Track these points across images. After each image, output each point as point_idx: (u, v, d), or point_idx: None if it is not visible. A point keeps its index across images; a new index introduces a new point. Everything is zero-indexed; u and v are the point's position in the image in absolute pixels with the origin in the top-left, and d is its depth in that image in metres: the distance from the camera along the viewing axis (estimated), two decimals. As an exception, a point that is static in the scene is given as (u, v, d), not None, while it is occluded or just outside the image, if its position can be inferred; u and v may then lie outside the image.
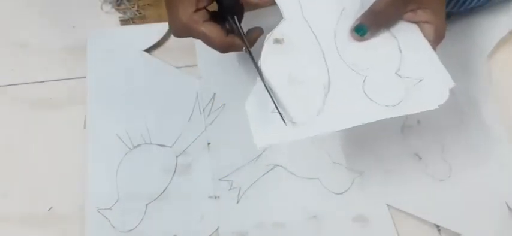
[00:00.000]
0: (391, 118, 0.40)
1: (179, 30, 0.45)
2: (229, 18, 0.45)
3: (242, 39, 0.45)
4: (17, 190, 0.49)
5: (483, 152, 0.52)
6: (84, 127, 0.52)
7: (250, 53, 0.45)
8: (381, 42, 0.43)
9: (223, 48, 0.45)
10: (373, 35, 0.44)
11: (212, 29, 0.44)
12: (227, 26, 0.45)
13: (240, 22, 0.45)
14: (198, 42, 0.58)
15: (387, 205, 0.49)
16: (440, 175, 0.50)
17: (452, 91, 0.41)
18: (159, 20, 0.61)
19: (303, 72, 0.43)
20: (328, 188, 0.49)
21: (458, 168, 0.51)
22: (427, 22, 0.43)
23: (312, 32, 0.44)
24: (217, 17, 0.45)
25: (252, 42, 0.46)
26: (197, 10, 0.44)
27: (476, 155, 0.51)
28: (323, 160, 0.51)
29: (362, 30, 0.43)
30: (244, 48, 0.45)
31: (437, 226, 0.48)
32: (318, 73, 0.43)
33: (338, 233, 0.47)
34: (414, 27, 0.43)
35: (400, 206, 0.49)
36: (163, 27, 0.60)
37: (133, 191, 0.48)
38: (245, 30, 0.45)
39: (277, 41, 0.44)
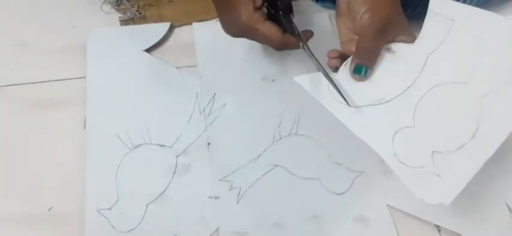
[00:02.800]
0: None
1: (237, 30, 0.47)
2: (283, 18, 0.47)
3: (299, 36, 0.47)
4: (17, 190, 0.49)
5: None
6: (84, 127, 0.52)
7: (308, 48, 0.47)
8: (462, 120, 0.42)
9: (281, 47, 0.47)
10: (371, 71, 0.45)
11: (271, 28, 0.46)
12: (282, 26, 0.47)
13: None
14: (198, 42, 0.59)
15: (387, 205, 0.49)
16: (440, 175, 0.50)
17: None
18: (159, 20, 0.61)
19: (382, 75, 0.45)
20: (328, 189, 0.49)
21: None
22: (403, 35, 0.45)
23: (423, 65, 0.44)
24: (270, 17, 0.47)
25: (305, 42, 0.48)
26: (255, 10, 0.46)
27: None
28: (323, 160, 0.51)
29: (361, 70, 0.44)
30: (301, 44, 0.47)
31: (437, 226, 0.48)
32: (393, 87, 0.44)
33: (338, 233, 0.47)
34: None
35: (400, 206, 0.49)
36: (163, 27, 0.60)
37: (133, 191, 0.48)
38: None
39: (388, 50, 0.45)
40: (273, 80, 0.56)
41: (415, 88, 0.44)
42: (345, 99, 0.44)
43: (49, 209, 0.48)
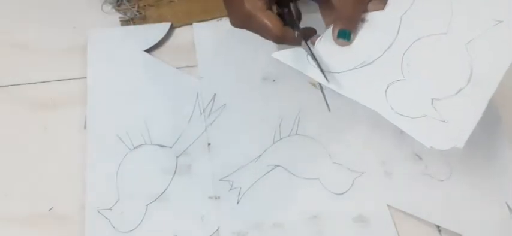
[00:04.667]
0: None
1: (240, 18, 0.47)
2: (284, 9, 0.47)
3: (295, 29, 0.46)
4: (17, 190, 0.49)
5: (483, 152, 0.52)
6: (85, 128, 0.52)
7: (306, 43, 0.47)
8: (454, 67, 0.44)
9: (280, 39, 0.47)
10: (354, 36, 0.47)
11: (272, 18, 0.46)
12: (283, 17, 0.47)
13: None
14: (198, 42, 0.59)
15: (387, 205, 0.49)
16: (440, 175, 0.50)
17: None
18: (159, 20, 0.61)
19: (359, 43, 0.46)
20: (328, 189, 0.49)
21: (458, 168, 0.50)
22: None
23: (399, 26, 0.46)
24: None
25: (305, 39, 0.48)
26: None
27: (476, 155, 0.51)
28: (323, 160, 0.51)
29: (346, 34, 0.46)
30: (296, 33, 0.46)
31: (438, 226, 0.48)
32: (372, 50, 0.45)
33: (338, 233, 0.47)
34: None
35: (400, 206, 0.49)
36: (163, 27, 0.60)
37: (133, 191, 0.48)
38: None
39: (361, 20, 0.47)
40: (273, 80, 0.56)
41: (395, 47, 0.45)
42: (324, 75, 0.45)
43: (49, 210, 0.48)
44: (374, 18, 0.47)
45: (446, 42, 0.44)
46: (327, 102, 0.45)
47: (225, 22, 0.60)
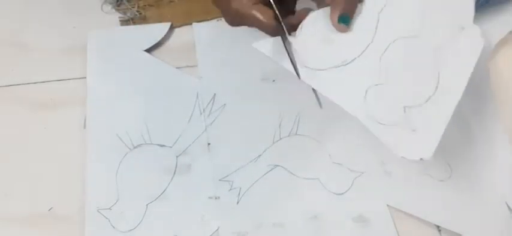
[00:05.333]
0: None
1: (233, 18, 0.46)
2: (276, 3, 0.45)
3: (279, 20, 0.45)
4: (17, 190, 0.49)
5: (483, 152, 0.52)
6: (84, 127, 0.52)
7: (283, 39, 0.46)
8: (424, 73, 0.43)
9: (273, 31, 0.46)
10: (352, 21, 0.45)
11: (262, 11, 0.44)
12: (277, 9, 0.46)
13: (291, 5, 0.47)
14: (198, 42, 0.59)
15: (387, 205, 0.49)
16: (440, 175, 0.50)
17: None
18: (159, 20, 0.61)
19: (340, 38, 0.45)
20: (328, 189, 0.49)
21: (458, 168, 0.50)
22: None
23: (376, 24, 0.45)
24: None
25: (295, 26, 0.46)
26: None
27: (476, 155, 0.51)
28: (323, 160, 0.51)
29: (346, 19, 0.45)
30: (283, 35, 0.46)
31: (438, 226, 0.48)
32: (352, 48, 0.45)
33: (338, 233, 0.47)
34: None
35: (400, 206, 0.48)
36: (163, 27, 0.60)
37: (133, 191, 0.48)
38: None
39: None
40: (273, 80, 0.56)
41: (374, 46, 0.45)
42: (296, 70, 0.44)
43: (49, 210, 0.48)
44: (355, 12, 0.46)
45: (417, 46, 0.44)
46: (318, 98, 0.45)
47: (225, 22, 0.60)
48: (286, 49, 0.45)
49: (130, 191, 0.48)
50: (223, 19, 0.60)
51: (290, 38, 0.45)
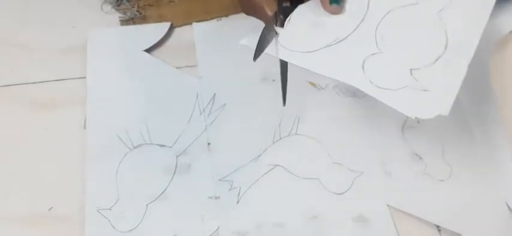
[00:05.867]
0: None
1: (243, 5, 0.47)
2: None
3: (278, 16, 0.45)
4: (17, 190, 0.49)
5: (483, 152, 0.52)
6: (84, 128, 0.52)
7: (273, 29, 0.45)
8: (429, 36, 0.43)
9: (270, 20, 0.46)
10: (344, 2, 0.45)
11: (269, 2, 0.45)
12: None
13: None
14: (198, 42, 0.59)
15: (387, 205, 0.49)
16: (440, 175, 0.50)
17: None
18: (159, 20, 0.61)
19: (331, 20, 0.45)
20: (328, 189, 0.49)
21: (458, 168, 0.50)
22: None
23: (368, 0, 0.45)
24: None
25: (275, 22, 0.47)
26: None
27: (476, 155, 0.51)
28: (323, 160, 0.51)
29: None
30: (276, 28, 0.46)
31: (438, 226, 0.48)
32: (344, 27, 0.44)
33: (338, 233, 0.47)
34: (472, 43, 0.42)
35: (400, 206, 0.48)
36: (163, 27, 0.60)
37: (133, 191, 0.48)
38: None
39: None
40: (273, 80, 0.56)
41: (367, 21, 0.44)
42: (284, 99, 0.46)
43: (49, 209, 0.48)
44: None
45: (418, 12, 0.44)
46: (284, 96, 0.45)
47: (225, 22, 0.60)
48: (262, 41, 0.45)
49: (130, 192, 0.48)
50: (223, 19, 0.61)
51: (277, 29, 0.45)
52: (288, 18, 0.46)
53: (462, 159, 0.51)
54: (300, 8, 0.46)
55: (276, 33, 0.45)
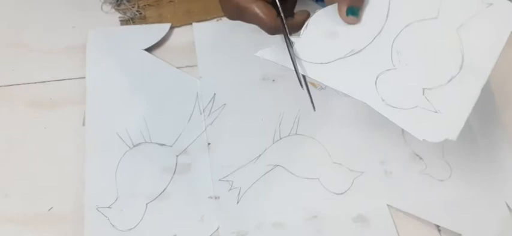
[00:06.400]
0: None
1: (232, 12, 0.45)
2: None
3: (282, 21, 0.44)
4: (17, 190, 0.49)
5: (483, 152, 0.52)
6: (83, 124, 0.52)
7: (287, 38, 0.44)
8: (444, 53, 0.42)
9: (273, 30, 0.45)
10: (362, 12, 0.44)
11: (263, 9, 0.43)
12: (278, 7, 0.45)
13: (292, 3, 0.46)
14: (198, 42, 0.59)
15: (387, 205, 0.49)
16: (440, 175, 0.50)
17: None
18: (159, 20, 0.61)
19: (347, 31, 0.44)
20: (328, 189, 0.49)
21: (458, 168, 0.50)
22: None
23: (387, 11, 0.44)
24: None
25: (297, 27, 0.46)
26: None
27: (476, 155, 0.51)
28: (323, 160, 0.51)
29: (355, 11, 0.44)
30: (284, 34, 0.45)
31: (438, 226, 0.48)
32: (360, 38, 0.43)
33: (338, 233, 0.47)
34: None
35: (400, 206, 0.49)
36: (163, 27, 0.60)
37: (133, 190, 0.48)
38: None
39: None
40: (273, 80, 0.56)
41: (385, 34, 0.43)
42: (312, 102, 0.44)
43: (49, 209, 0.48)
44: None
45: (437, 28, 0.43)
46: (312, 101, 0.44)
47: (225, 22, 0.60)
48: (290, 54, 0.44)
49: (130, 190, 0.48)
50: (223, 19, 0.61)
51: (293, 38, 0.45)
52: (305, 24, 0.45)
53: (462, 159, 0.51)
54: (318, 14, 0.45)
55: (291, 42, 0.44)
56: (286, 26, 0.44)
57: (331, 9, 0.45)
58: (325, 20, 0.45)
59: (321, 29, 0.45)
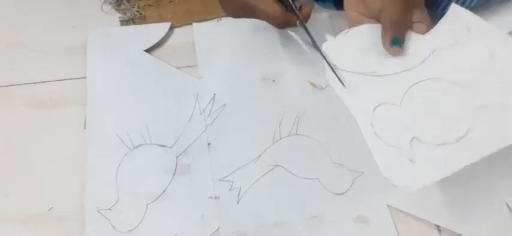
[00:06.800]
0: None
1: (236, 9, 0.46)
2: None
3: (295, 14, 0.46)
4: (17, 190, 0.49)
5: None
6: (84, 128, 0.52)
7: (305, 27, 0.46)
8: (452, 121, 0.42)
9: (282, 24, 0.46)
10: (405, 44, 0.46)
11: (272, 5, 0.45)
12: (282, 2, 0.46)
13: None
14: (198, 42, 0.59)
15: (387, 205, 0.49)
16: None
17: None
18: (159, 20, 0.61)
19: (379, 54, 0.45)
20: (328, 189, 0.49)
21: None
22: (420, 22, 0.46)
23: (428, 55, 0.45)
24: None
25: (306, 18, 0.46)
26: None
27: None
28: (323, 160, 0.51)
29: (399, 41, 0.45)
30: (298, 22, 0.46)
31: (438, 226, 0.48)
32: (389, 66, 0.45)
33: (338, 233, 0.47)
34: None
35: (400, 206, 0.48)
36: (163, 27, 0.60)
37: (133, 191, 0.48)
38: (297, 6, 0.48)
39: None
40: (273, 80, 0.56)
41: (411, 73, 0.44)
42: (340, 81, 0.45)
43: (49, 210, 0.48)
44: (408, 37, 0.46)
45: (462, 96, 0.43)
46: (340, 80, 0.45)
47: (225, 22, 0.60)
48: (312, 40, 0.46)
49: (130, 192, 0.48)
50: (223, 19, 0.61)
51: (328, 36, 0.46)
52: (347, 30, 0.47)
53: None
54: (361, 28, 0.47)
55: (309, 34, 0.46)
56: (299, 15, 0.46)
57: (375, 29, 0.46)
58: (365, 36, 0.47)
59: (358, 41, 0.47)
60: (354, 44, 0.47)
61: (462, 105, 0.43)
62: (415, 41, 0.46)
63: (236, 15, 0.47)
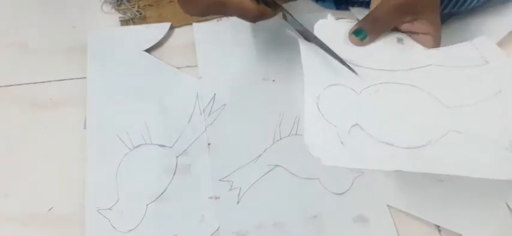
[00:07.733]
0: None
1: (205, 7, 0.43)
2: None
3: (274, 5, 0.44)
4: (17, 190, 0.49)
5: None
6: (84, 128, 0.52)
7: (290, 15, 0.45)
8: (419, 130, 0.41)
9: (255, 18, 0.44)
10: (371, 40, 0.45)
11: (244, 0, 0.42)
12: None
13: None
14: (198, 42, 0.59)
15: (387, 205, 0.49)
16: (440, 175, 0.50)
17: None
18: (159, 20, 0.61)
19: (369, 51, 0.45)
20: (328, 189, 0.49)
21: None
22: (425, 33, 0.45)
23: (423, 65, 0.45)
24: None
25: (280, 8, 0.46)
26: None
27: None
28: (323, 160, 0.51)
29: (361, 33, 0.44)
30: (282, 13, 0.46)
31: (438, 226, 0.48)
32: (379, 62, 0.44)
33: (338, 233, 0.47)
34: None
35: (400, 206, 0.49)
36: (163, 27, 0.60)
37: (133, 191, 0.48)
38: None
39: (399, 40, 0.46)
40: (273, 80, 0.56)
41: (389, 74, 0.44)
42: (350, 67, 0.44)
43: (49, 210, 0.48)
44: (410, 47, 0.46)
45: (438, 113, 0.42)
46: (350, 68, 0.44)
47: (225, 22, 0.60)
48: (325, 48, 0.45)
49: (130, 192, 0.48)
50: (223, 19, 0.61)
51: (329, 15, 0.46)
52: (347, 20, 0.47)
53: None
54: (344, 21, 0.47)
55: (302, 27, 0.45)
56: (287, 11, 0.45)
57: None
58: (343, 28, 0.47)
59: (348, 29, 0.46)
60: (344, 30, 0.47)
61: (433, 120, 0.42)
62: (412, 50, 0.46)
63: (203, 14, 0.44)
